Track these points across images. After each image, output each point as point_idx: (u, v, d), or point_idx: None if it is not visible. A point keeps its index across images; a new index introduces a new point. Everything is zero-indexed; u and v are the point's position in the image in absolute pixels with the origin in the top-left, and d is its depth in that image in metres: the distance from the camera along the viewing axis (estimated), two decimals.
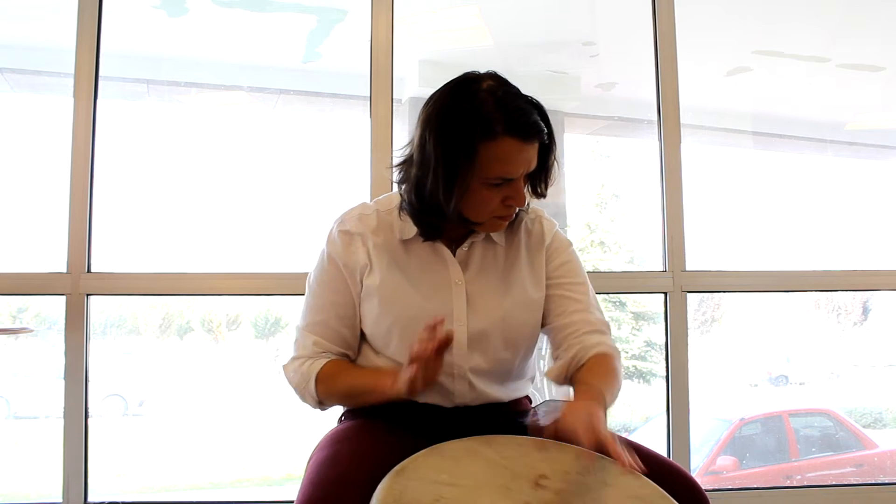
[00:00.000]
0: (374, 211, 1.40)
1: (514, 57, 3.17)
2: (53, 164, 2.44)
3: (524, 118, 1.23)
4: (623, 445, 1.12)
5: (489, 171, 1.24)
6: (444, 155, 1.24)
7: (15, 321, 3.39)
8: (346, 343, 1.38)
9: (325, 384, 1.34)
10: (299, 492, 1.16)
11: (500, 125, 1.22)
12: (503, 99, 1.24)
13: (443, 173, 1.25)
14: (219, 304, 4.17)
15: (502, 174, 1.25)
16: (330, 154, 3.25)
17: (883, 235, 3.39)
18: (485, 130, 1.22)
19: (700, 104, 3.04)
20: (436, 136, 1.25)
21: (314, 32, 3.07)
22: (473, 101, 1.24)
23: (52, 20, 2.71)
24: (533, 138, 1.25)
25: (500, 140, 1.22)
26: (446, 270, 1.37)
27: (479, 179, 1.25)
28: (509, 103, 1.24)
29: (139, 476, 3.85)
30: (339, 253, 1.37)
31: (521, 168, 1.26)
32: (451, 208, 1.27)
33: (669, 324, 2.44)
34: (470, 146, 1.22)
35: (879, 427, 4.32)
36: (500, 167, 1.24)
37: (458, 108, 1.25)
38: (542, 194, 1.36)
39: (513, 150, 1.23)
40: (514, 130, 1.22)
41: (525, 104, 1.26)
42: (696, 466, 3.63)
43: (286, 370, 1.39)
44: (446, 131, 1.24)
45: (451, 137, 1.24)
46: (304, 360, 1.36)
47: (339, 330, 1.37)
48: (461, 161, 1.23)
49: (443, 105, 1.27)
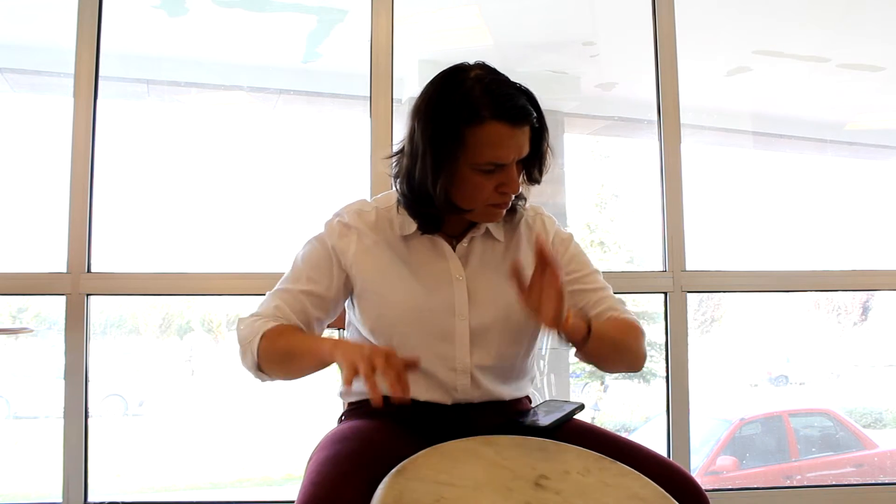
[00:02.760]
0: (373, 208, 1.41)
1: (514, 57, 3.17)
2: (53, 164, 2.44)
3: (511, 102, 1.24)
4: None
5: (479, 157, 1.25)
6: (431, 141, 1.25)
7: (15, 321, 3.39)
8: (307, 319, 1.37)
9: (268, 341, 1.31)
10: (299, 492, 1.15)
11: (487, 110, 1.22)
12: (490, 85, 1.25)
13: (430, 160, 1.26)
14: (219, 304, 4.17)
15: (492, 159, 1.25)
16: (330, 154, 3.25)
17: (883, 235, 3.39)
18: (471, 115, 1.22)
19: (700, 104, 3.04)
20: (423, 123, 1.27)
21: (314, 32, 3.07)
22: (460, 88, 1.25)
23: (52, 20, 2.71)
24: (521, 122, 1.25)
25: (488, 124, 1.22)
26: (447, 265, 1.37)
27: (470, 165, 1.26)
28: (496, 89, 1.24)
29: (139, 476, 3.84)
30: (333, 237, 1.38)
31: (512, 153, 1.26)
32: (439, 194, 1.27)
33: (669, 324, 2.44)
34: (456, 131, 1.23)
35: (879, 427, 4.31)
36: (489, 152, 1.24)
37: (446, 95, 1.26)
38: (536, 180, 1.37)
39: (502, 134, 1.23)
40: (501, 114, 1.23)
41: (513, 90, 1.26)
42: (696, 466, 3.63)
43: (239, 323, 1.37)
44: (433, 118, 1.26)
45: (437, 124, 1.25)
46: (260, 318, 1.35)
47: (304, 303, 1.36)
48: (448, 146, 1.24)
49: (431, 94, 1.28)
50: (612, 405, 4.43)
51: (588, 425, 1.37)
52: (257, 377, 1.36)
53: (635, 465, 1.18)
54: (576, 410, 1.38)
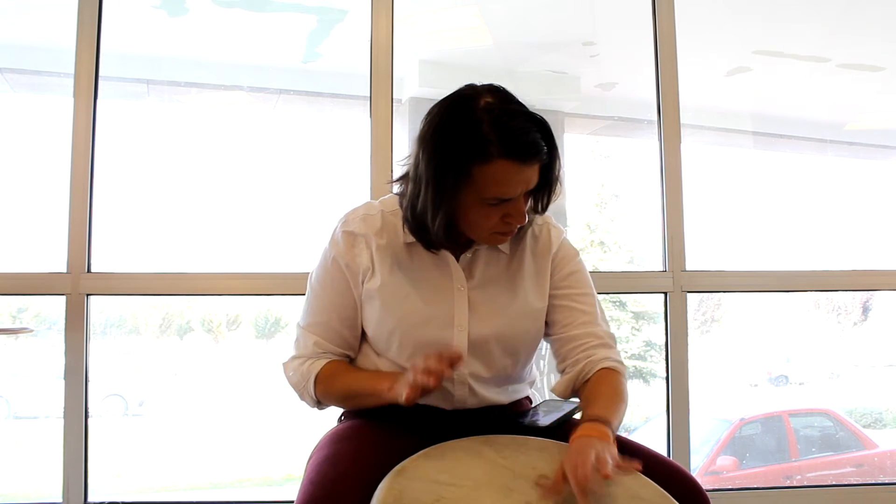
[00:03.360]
0: (378, 212, 1.38)
1: (514, 57, 3.17)
2: (53, 164, 2.44)
3: (522, 139, 1.19)
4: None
5: (486, 193, 1.22)
6: (434, 176, 1.22)
7: (15, 321, 3.39)
8: (346, 344, 1.38)
9: (323, 385, 1.34)
10: (299, 492, 1.16)
11: (496, 147, 1.18)
12: (501, 118, 1.19)
13: (432, 193, 1.23)
14: (219, 304, 4.16)
15: (499, 195, 1.22)
16: (330, 154, 3.25)
17: (883, 235, 3.39)
18: (479, 152, 1.18)
19: (700, 104, 3.04)
20: (429, 155, 1.23)
21: (314, 32, 3.07)
22: (469, 119, 1.20)
23: (52, 20, 2.71)
24: (531, 160, 1.21)
25: (495, 162, 1.18)
26: (449, 275, 1.36)
27: (476, 199, 1.23)
28: (507, 122, 1.19)
29: (139, 476, 3.84)
30: (343, 254, 1.36)
31: (520, 188, 1.23)
32: (437, 229, 1.25)
33: (669, 324, 2.44)
34: (463, 168, 1.20)
35: (879, 427, 4.31)
36: (496, 189, 1.21)
37: (453, 127, 1.21)
38: (543, 210, 1.35)
39: (509, 171, 1.19)
40: (510, 152, 1.18)
41: (525, 122, 1.21)
42: (696, 466, 3.63)
43: (286, 368, 1.39)
44: (439, 152, 1.22)
45: (443, 157, 1.21)
46: (305, 359, 1.36)
47: (339, 331, 1.37)
48: (452, 181, 1.21)
49: (438, 123, 1.24)
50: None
51: None
52: (319, 409, 1.40)
53: None
54: (575, 410, 1.38)
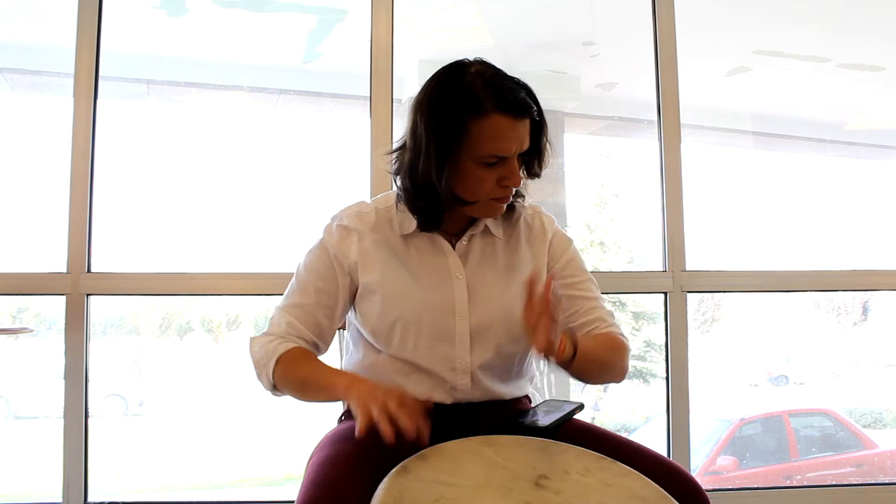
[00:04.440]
0: (372, 209, 1.41)
1: (514, 57, 3.17)
2: (53, 164, 2.44)
3: (512, 95, 1.26)
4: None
5: (482, 149, 1.26)
6: (434, 133, 1.27)
7: (15, 321, 3.39)
8: (319, 332, 1.38)
9: (283, 367, 1.32)
10: (299, 492, 1.16)
11: (490, 102, 1.24)
12: (491, 79, 1.27)
13: (434, 151, 1.27)
14: (219, 304, 4.17)
15: (495, 151, 1.27)
16: (330, 154, 3.25)
17: (883, 235, 3.39)
18: (475, 107, 1.24)
19: (700, 104, 3.04)
20: (426, 116, 1.28)
21: (314, 32, 3.07)
22: (462, 81, 1.27)
23: (52, 20, 2.71)
24: (523, 114, 1.27)
25: (491, 116, 1.24)
26: (446, 264, 1.38)
27: (473, 158, 1.27)
28: (497, 83, 1.27)
29: (139, 476, 3.84)
30: (333, 243, 1.38)
31: (514, 146, 1.28)
32: (444, 186, 1.28)
33: (669, 324, 2.44)
34: (460, 123, 1.25)
35: (879, 427, 4.31)
36: (492, 144, 1.26)
37: (448, 89, 1.28)
38: (536, 174, 1.38)
39: (504, 126, 1.25)
40: (504, 107, 1.25)
41: (512, 84, 1.28)
42: (696, 466, 3.63)
43: (252, 343, 1.38)
44: (436, 111, 1.27)
45: (441, 116, 1.26)
46: (274, 338, 1.35)
47: (316, 316, 1.37)
48: (452, 138, 1.25)
49: (433, 88, 1.30)
50: (612, 405, 4.43)
51: (588, 425, 1.37)
52: (272, 394, 1.38)
53: (635, 465, 1.18)
54: (575, 410, 1.39)
